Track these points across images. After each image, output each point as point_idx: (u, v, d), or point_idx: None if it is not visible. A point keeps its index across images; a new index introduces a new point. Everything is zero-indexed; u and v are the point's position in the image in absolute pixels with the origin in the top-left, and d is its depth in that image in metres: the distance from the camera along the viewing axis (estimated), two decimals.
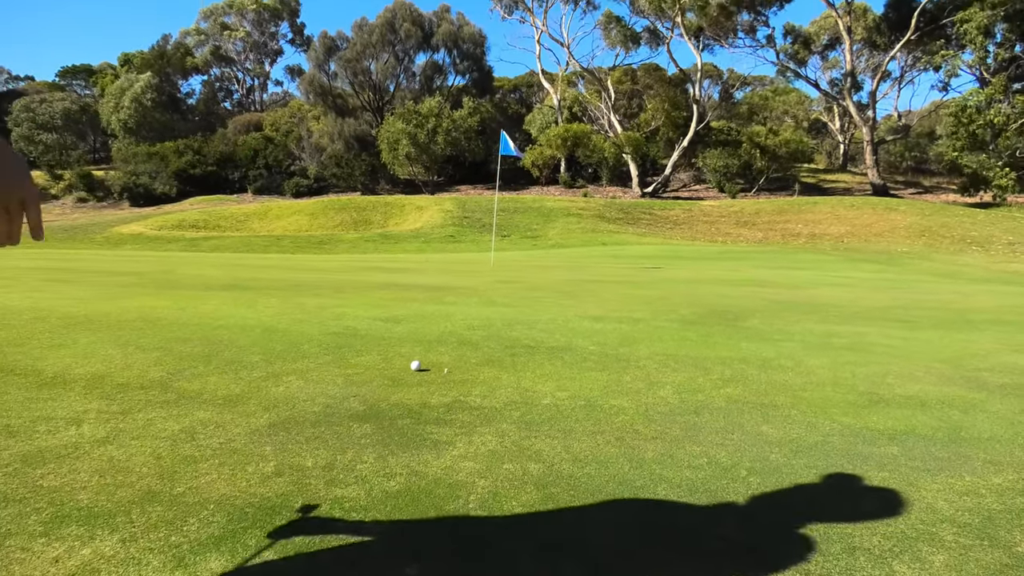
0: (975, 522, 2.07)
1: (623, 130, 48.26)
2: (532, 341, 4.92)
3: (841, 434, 2.91)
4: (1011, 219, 31.86)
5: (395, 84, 54.81)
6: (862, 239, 29.96)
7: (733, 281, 11.81)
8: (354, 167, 48.15)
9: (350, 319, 5.67)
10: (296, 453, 2.50)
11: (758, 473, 2.43)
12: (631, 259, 19.22)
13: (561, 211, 36.04)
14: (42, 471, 2.25)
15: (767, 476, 2.40)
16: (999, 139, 35.43)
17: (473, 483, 2.27)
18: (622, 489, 2.26)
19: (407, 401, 3.23)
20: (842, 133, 57.19)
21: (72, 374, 3.57)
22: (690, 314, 6.66)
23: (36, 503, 2.01)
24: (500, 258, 17.95)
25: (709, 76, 53.48)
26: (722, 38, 48.49)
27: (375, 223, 35.14)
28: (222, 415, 2.93)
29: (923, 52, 46.86)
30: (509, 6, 51.63)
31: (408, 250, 25.55)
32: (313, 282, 9.38)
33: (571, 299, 7.77)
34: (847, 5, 46.37)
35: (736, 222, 35.72)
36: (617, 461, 2.52)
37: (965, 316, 7.29)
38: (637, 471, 2.43)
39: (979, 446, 2.80)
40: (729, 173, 45.05)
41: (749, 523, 2.03)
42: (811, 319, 6.61)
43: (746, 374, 4.04)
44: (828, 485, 2.34)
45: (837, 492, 2.28)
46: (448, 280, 10.31)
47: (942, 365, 4.49)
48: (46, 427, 2.69)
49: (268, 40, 73.34)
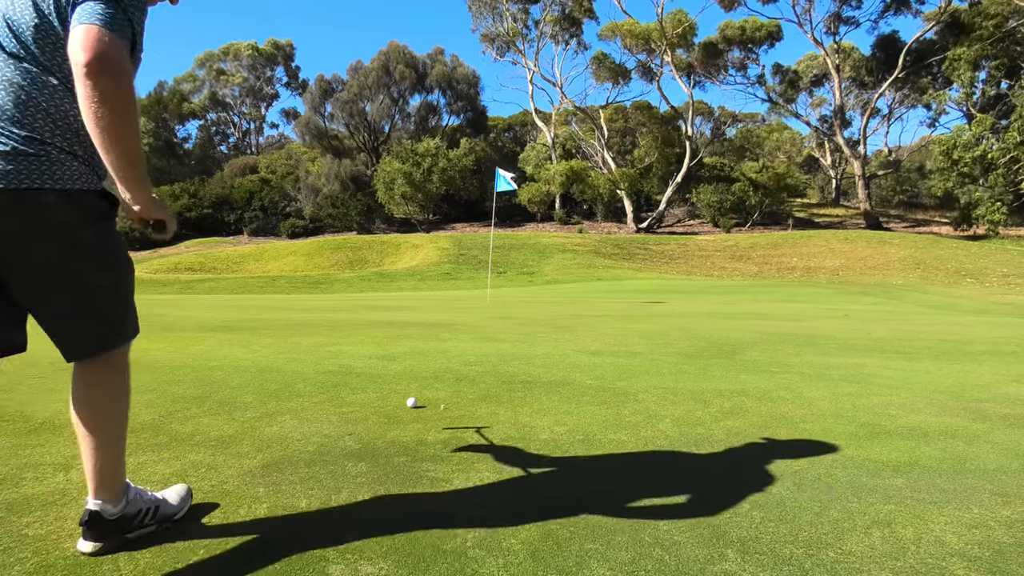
0: (985, 556, 2.02)
1: (617, 167, 48.77)
2: (529, 376, 4.88)
3: (844, 466, 2.87)
4: (1004, 251, 32.05)
5: (390, 125, 55.43)
6: (857, 272, 30.08)
7: (730, 314, 11.80)
8: (350, 207, 48.43)
9: (345, 357, 5.63)
10: (290, 494, 2.45)
11: (761, 507, 2.38)
12: (627, 294, 19.23)
13: (557, 247, 36.19)
14: (28, 519, 2.19)
15: (770, 510, 2.35)
16: (989, 174, 35.84)
17: (471, 521, 2.22)
18: (623, 524, 2.21)
19: (403, 439, 3.18)
20: (834, 168, 57.86)
21: (62, 419, 3.51)
22: (688, 347, 6.63)
23: (20, 552, 1.95)
24: (496, 294, 17.95)
25: (701, 113, 54.21)
26: (713, 75, 49.33)
27: (371, 262, 35.22)
28: (214, 456, 2.87)
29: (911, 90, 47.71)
30: (501, 48, 52.53)
31: (404, 288, 25.56)
32: (308, 321, 9.34)
33: (568, 334, 7.73)
34: (835, 44, 47.28)
35: (731, 256, 35.88)
36: (617, 496, 2.47)
37: (963, 347, 7.27)
38: (637, 505, 2.38)
39: (985, 477, 2.76)
40: (723, 208, 45.41)
41: (753, 558, 1.98)
42: (809, 351, 6.58)
43: (745, 406, 4.00)
44: (834, 519, 2.29)
45: (843, 526, 2.23)
46: (444, 317, 10.28)
47: (943, 396, 4.46)
48: (33, 474, 2.64)
49: (264, 84, 74.30)
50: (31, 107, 1.76)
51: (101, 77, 1.65)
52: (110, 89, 1.67)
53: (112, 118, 1.68)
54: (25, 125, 1.75)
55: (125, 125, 1.70)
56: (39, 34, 1.76)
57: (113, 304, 1.96)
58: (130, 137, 1.73)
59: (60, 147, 1.80)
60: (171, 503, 2.20)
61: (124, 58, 1.71)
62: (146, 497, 2.13)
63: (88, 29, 1.67)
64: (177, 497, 2.24)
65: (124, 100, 1.69)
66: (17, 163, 1.73)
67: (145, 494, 2.14)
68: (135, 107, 1.75)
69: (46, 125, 1.78)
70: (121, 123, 1.69)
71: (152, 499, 2.14)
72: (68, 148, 1.81)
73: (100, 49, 1.65)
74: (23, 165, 1.73)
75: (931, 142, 49.35)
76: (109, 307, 1.95)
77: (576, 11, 48.74)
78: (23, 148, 1.74)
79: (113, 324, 1.98)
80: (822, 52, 47.63)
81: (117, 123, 1.69)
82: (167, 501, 2.19)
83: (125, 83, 1.69)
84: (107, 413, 2.00)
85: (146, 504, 2.11)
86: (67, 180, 1.80)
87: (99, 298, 1.92)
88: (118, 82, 1.68)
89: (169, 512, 2.17)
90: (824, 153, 58.05)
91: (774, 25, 46.62)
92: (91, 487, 1.99)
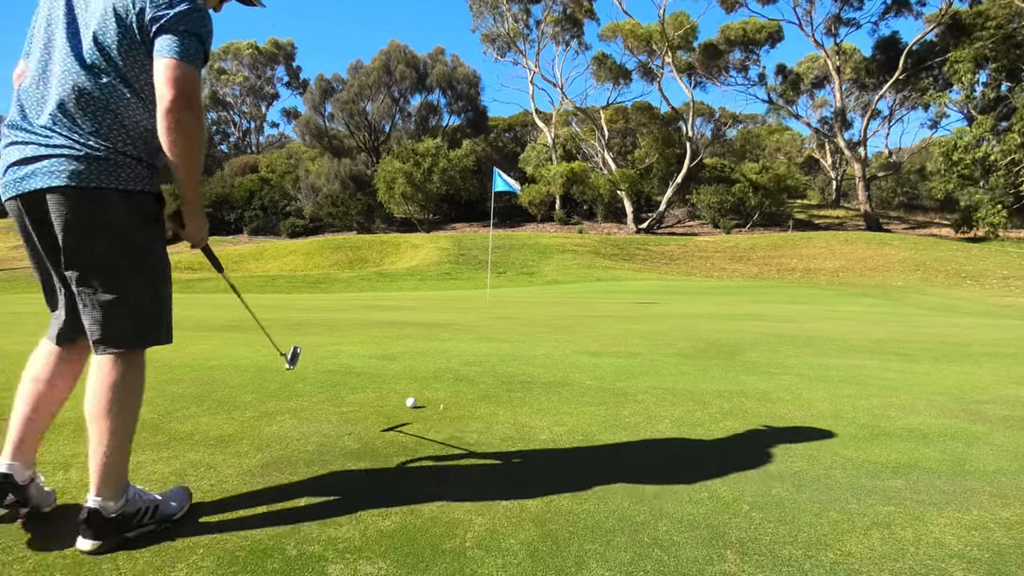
0: (985, 557, 2.02)
1: (617, 167, 48.74)
2: (529, 376, 4.88)
3: (844, 467, 2.87)
4: (1004, 253, 32.06)
5: (391, 124, 55.43)
6: (857, 273, 30.08)
7: (729, 316, 11.80)
8: (350, 207, 48.41)
9: (345, 357, 5.63)
10: (289, 493, 2.45)
11: (760, 508, 2.38)
12: (627, 295, 19.24)
13: (556, 248, 36.18)
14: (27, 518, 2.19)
15: (769, 511, 2.35)
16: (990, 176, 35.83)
17: (470, 520, 2.22)
18: (622, 525, 2.21)
19: (402, 439, 3.18)
20: (834, 169, 57.82)
21: (61, 418, 3.50)
22: (687, 348, 6.63)
23: (19, 551, 1.95)
24: (496, 295, 17.95)
25: (701, 114, 54.21)
26: (714, 76, 49.34)
27: (371, 262, 35.22)
28: (214, 456, 2.87)
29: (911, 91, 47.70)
30: (502, 48, 52.49)
31: (404, 288, 25.56)
32: (308, 321, 9.34)
33: (568, 334, 7.73)
34: (836, 46, 47.26)
35: (731, 257, 35.88)
36: (616, 496, 2.47)
37: (963, 349, 7.27)
38: (637, 506, 2.38)
39: (984, 479, 2.76)
40: (723, 209, 45.40)
41: (752, 559, 1.98)
42: (808, 352, 6.58)
43: (745, 407, 4.00)
44: (833, 520, 2.29)
45: (843, 527, 2.23)
46: (444, 317, 10.28)
47: (943, 398, 4.46)
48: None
49: (264, 84, 74.31)
50: (107, 117, 1.98)
51: (183, 113, 1.93)
52: (189, 123, 1.95)
53: (186, 146, 1.96)
54: (99, 134, 1.98)
55: (196, 153, 2.00)
56: (123, 48, 1.98)
57: (148, 305, 2.10)
58: (198, 164, 2.03)
59: (128, 152, 2.01)
60: (170, 503, 2.22)
61: (200, 91, 2.00)
62: (145, 496, 2.16)
63: (172, 65, 1.93)
64: (176, 497, 2.27)
65: (198, 131, 1.98)
66: (88, 165, 1.95)
67: (144, 493, 2.17)
68: (204, 136, 2.07)
69: (119, 133, 2.00)
70: (193, 151, 1.99)
71: (151, 498, 2.17)
72: (135, 154, 2.03)
73: (183, 87, 1.92)
74: (93, 167, 1.96)
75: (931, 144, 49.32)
76: (143, 307, 2.09)
77: (577, 11, 48.71)
78: (95, 154, 1.96)
79: (144, 324, 2.10)
80: (823, 54, 47.62)
81: (190, 150, 1.98)
82: (167, 501, 2.22)
83: (200, 116, 1.98)
84: (119, 410, 2.06)
85: (145, 503, 2.13)
86: (129, 182, 2.01)
87: (135, 297, 2.07)
88: (196, 116, 1.96)
89: (168, 512, 2.19)
90: (824, 154, 58.02)
91: (775, 26, 46.62)
92: (93, 483, 2.04)
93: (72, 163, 1.95)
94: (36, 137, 1.98)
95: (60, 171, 1.94)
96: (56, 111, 1.98)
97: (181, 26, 1.97)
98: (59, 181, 1.94)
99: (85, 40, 2.00)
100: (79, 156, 1.95)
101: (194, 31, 1.99)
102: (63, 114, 1.97)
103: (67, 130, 1.97)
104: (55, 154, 1.96)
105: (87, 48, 1.99)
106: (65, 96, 1.98)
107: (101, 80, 1.98)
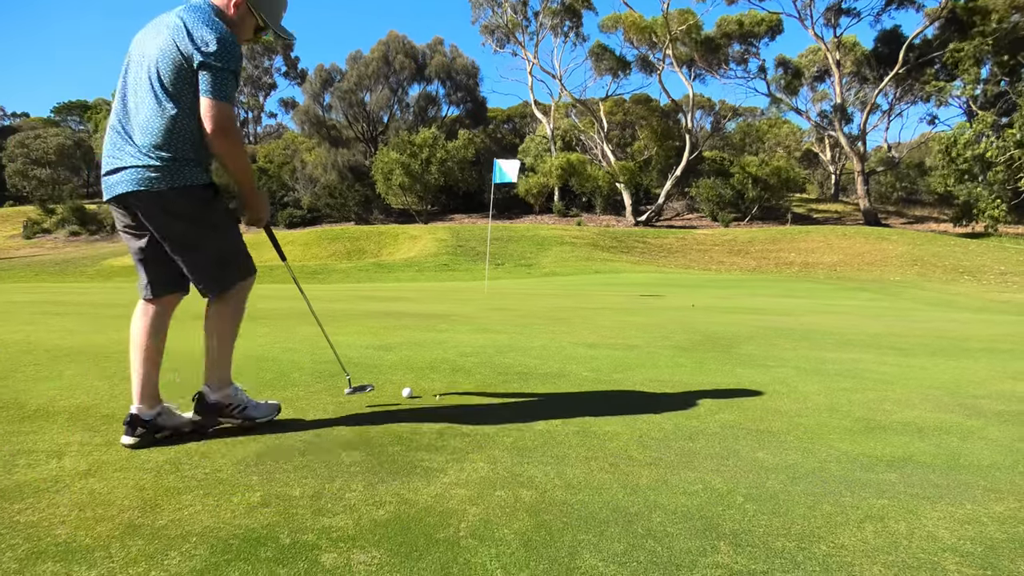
0: (978, 551, 2.02)
1: (616, 159, 48.64)
2: (525, 368, 4.87)
3: (838, 460, 2.87)
4: (1002, 249, 32.09)
5: (389, 115, 55.26)
6: (855, 268, 30.11)
7: (727, 309, 11.81)
8: (348, 197, 48.30)
9: (341, 347, 5.61)
10: (283, 482, 2.44)
11: (754, 500, 2.38)
12: (625, 287, 19.24)
13: (555, 240, 36.16)
14: (19, 506, 2.19)
15: (763, 503, 2.35)
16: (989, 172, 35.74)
17: (464, 510, 2.22)
18: (616, 516, 2.21)
19: (397, 428, 3.18)
20: (833, 163, 57.76)
21: (56, 406, 3.51)
22: (684, 341, 6.63)
23: (12, 539, 1.95)
24: (494, 286, 17.94)
25: (701, 107, 54.11)
26: (714, 68, 49.22)
27: (369, 252, 35.19)
28: (208, 445, 2.87)
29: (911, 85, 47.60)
30: (500, 40, 52.30)
31: (402, 279, 25.54)
32: (305, 311, 9.33)
33: (565, 326, 7.73)
34: (836, 40, 47.12)
35: (729, 250, 35.89)
36: (611, 487, 2.47)
37: (960, 344, 7.29)
38: (631, 497, 2.38)
39: (979, 473, 2.76)
40: (722, 202, 45.37)
41: (746, 551, 1.98)
42: (805, 346, 6.59)
43: (740, 400, 4.00)
44: (826, 512, 2.29)
45: (836, 519, 2.23)
46: (441, 308, 10.27)
47: (938, 392, 4.46)
48: (26, 460, 2.63)
49: (262, 74, 74.00)
50: (166, 131, 2.73)
51: (219, 140, 2.74)
52: (225, 147, 2.77)
53: (228, 160, 2.81)
54: (163, 146, 2.74)
55: (239, 162, 2.84)
56: (177, 78, 2.72)
57: (212, 264, 2.96)
58: (243, 168, 2.87)
59: (183, 157, 2.78)
60: (258, 408, 3.14)
61: (234, 121, 2.79)
62: (242, 396, 3.11)
63: (209, 105, 2.69)
64: (264, 407, 3.19)
65: (236, 148, 2.81)
66: (159, 172, 2.75)
67: (242, 395, 3.11)
68: (244, 148, 2.90)
69: (175, 142, 2.75)
70: (237, 162, 2.83)
71: (246, 400, 3.12)
72: (189, 156, 2.80)
73: (218, 122, 2.71)
74: (160, 174, 2.75)
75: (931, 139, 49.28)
76: (208, 266, 2.95)
77: (575, 2, 48.51)
78: (160, 164, 2.75)
79: (214, 278, 2.98)
80: (823, 47, 47.49)
81: (232, 161, 2.82)
82: (256, 406, 3.14)
83: (235, 139, 2.78)
84: (216, 330, 3.06)
85: (240, 402, 3.09)
86: (185, 179, 2.79)
87: (202, 260, 2.93)
88: (232, 142, 2.77)
89: (252, 414, 3.11)
90: (824, 148, 57.95)
91: (775, 19, 46.50)
92: (205, 377, 3.06)
93: (141, 172, 2.76)
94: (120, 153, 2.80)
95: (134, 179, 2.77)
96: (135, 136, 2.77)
97: (217, 63, 2.68)
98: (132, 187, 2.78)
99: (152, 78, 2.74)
100: (152, 166, 2.75)
101: (228, 66, 2.70)
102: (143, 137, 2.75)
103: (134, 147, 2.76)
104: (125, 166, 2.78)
105: (154, 83, 2.73)
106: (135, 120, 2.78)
107: (162, 105, 2.72)
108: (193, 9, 2.79)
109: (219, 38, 2.69)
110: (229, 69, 2.70)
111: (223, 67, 2.68)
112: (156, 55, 2.73)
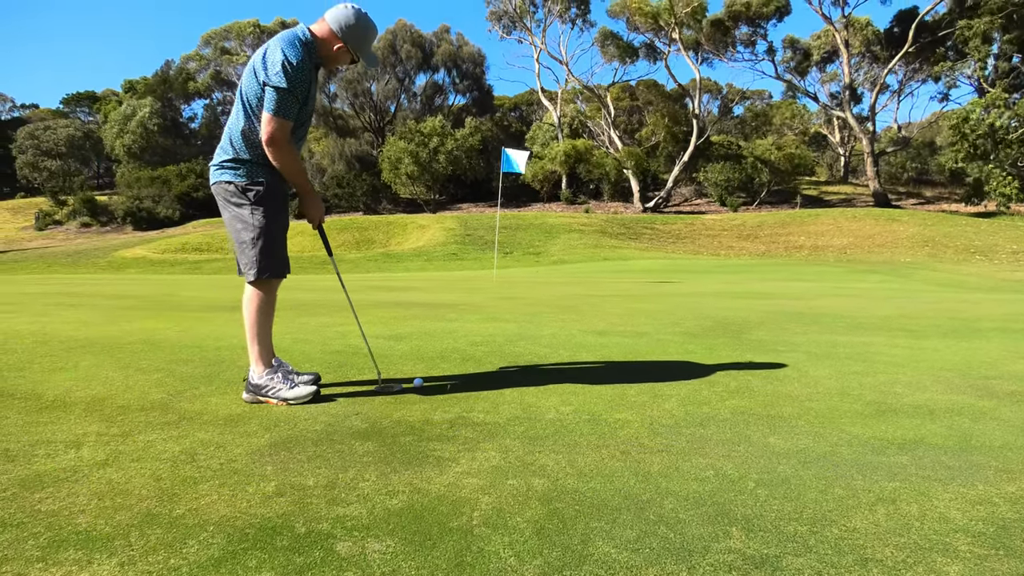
0: (990, 532, 2.02)
1: (623, 146, 48.45)
2: (535, 356, 4.89)
3: (850, 444, 2.87)
4: (1014, 228, 31.83)
5: (396, 104, 55.17)
6: (865, 250, 29.93)
7: (736, 294, 11.78)
8: (355, 187, 48.31)
9: (352, 337, 5.65)
10: (297, 472, 2.47)
11: (766, 485, 2.39)
12: (634, 274, 19.21)
13: (563, 227, 36.10)
14: (40, 495, 2.22)
15: (775, 488, 2.36)
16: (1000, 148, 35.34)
17: (477, 499, 2.24)
18: (628, 503, 2.22)
19: (409, 418, 3.20)
20: (843, 145, 57.31)
21: (72, 397, 3.55)
22: (694, 327, 6.63)
23: (34, 528, 1.98)
24: (503, 275, 17.94)
25: (708, 91, 53.77)
26: (720, 52, 48.83)
27: (377, 242, 35.23)
28: (223, 435, 2.90)
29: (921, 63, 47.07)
30: (507, 26, 52.05)
31: (411, 269, 25.58)
32: (314, 301, 9.38)
33: (574, 314, 7.74)
34: (844, 19, 46.62)
35: (738, 235, 35.74)
36: (623, 475, 2.48)
37: (971, 325, 7.25)
38: (643, 484, 2.39)
39: (991, 454, 2.76)
40: (730, 187, 45.12)
41: (758, 535, 1.99)
42: (815, 330, 6.58)
43: (751, 385, 4.00)
44: (838, 496, 2.29)
45: (848, 503, 2.24)
46: (451, 297, 10.30)
47: (950, 373, 4.45)
48: (45, 451, 2.67)
49: None
50: (241, 139, 3.31)
51: (273, 150, 3.23)
52: (279, 157, 3.26)
53: (283, 165, 3.30)
54: (239, 150, 3.33)
55: (291, 167, 3.33)
56: (254, 98, 3.25)
57: (252, 252, 3.37)
58: (297, 171, 3.35)
59: (250, 159, 3.34)
60: (292, 391, 3.43)
61: (285, 133, 3.21)
62: (282, 374, 3.48)
63: (267, 120, 3.16)
64: (303, 390, 3.46)
65: (286, 157, 3.27)
66: (232, 168, 3.36)
67: (280, 378, 3.45)
68: (295, 156, 3.32)
69: (248, 148, 3.32)
70: (289, 167, 3.32)
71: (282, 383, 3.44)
72: (254, 159, 3.34)
73: (272, 136, 3.18)
74: (230, 170, 3.36)
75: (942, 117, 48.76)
76: (249, 253, 3.37)
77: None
78: (233, 165, 3.36)
79: (251, 264, 3.37)
80: (830, 27, 46.99)
81: (285, 167, 3.31)
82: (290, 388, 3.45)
83: (284, 148, 3.24)
84: (249, 316, 3.46)
85: (277, 384, 3.43)
86: (246, 176, 3.35)
87: (248, 246, 3.37)
88: (282, 152, 3.25)
89: (284, 395, 3.42)
90: (833, 130, 57.48)
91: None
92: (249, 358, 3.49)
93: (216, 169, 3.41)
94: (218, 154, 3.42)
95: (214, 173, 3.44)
96: (224, 140, 3.38)
97: (275, 83, 3.11)
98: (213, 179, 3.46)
99: (239, 92, 3.34)
100: (223, 163, 3.37)
101: (284, 86, 3.11)
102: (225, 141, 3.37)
103: (221, 150, 3.38)
104: (214, 164, 3.44)
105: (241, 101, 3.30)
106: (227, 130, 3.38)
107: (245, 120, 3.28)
108: (282, 36, 3.24)
109: (283, 62, 3.11)
110: (286, 89, 3.11)
111: (280, 87, 3.10)
112: (246, 73, 3.28)
